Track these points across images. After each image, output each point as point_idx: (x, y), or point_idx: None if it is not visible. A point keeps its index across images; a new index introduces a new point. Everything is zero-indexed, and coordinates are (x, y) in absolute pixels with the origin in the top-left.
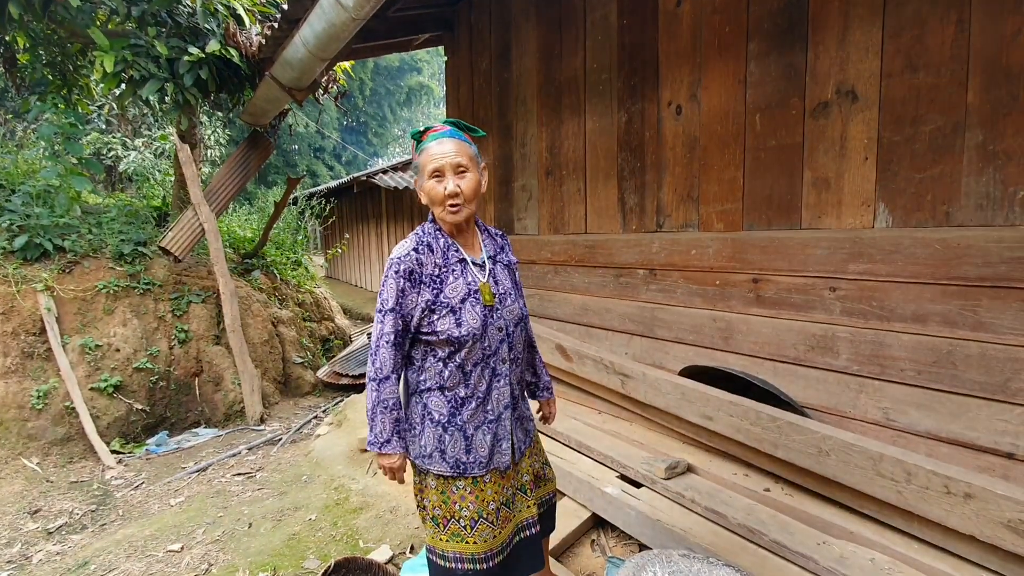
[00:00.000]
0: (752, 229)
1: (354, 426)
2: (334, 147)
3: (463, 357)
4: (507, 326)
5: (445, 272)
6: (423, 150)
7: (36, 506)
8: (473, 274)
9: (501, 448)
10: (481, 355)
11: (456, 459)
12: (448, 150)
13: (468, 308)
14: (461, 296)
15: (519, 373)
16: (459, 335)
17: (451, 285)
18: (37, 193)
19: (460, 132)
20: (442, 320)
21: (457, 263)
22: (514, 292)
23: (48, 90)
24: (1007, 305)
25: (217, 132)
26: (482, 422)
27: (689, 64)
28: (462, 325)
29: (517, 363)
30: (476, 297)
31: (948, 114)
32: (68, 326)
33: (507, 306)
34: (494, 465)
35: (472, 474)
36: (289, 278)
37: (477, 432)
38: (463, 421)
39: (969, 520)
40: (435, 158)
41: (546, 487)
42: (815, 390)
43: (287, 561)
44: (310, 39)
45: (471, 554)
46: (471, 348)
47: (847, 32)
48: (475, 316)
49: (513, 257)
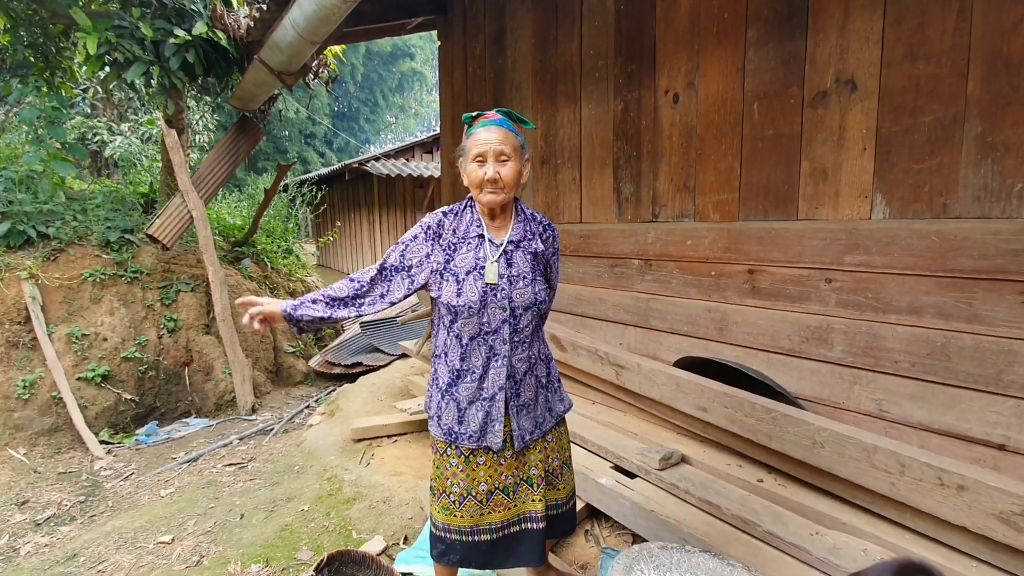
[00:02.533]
0: (748, 220)
1: (347, 416)
2: (325, 133)
3: (460, 328)
4: (513, 308)
5: (461, 243)
6: (471, 134)
7: (24, 497)
8: (486, 251)
9: (494, 428)
10: (479, 330)
11: (449, 427)
12: (493, 137)
13: (470, 281)
14: (467, 268)
15: (526, 359)
16: (456, 304)
17: (462, 255)
18: (20, 179)
19: (509, 122)
20: (447, 286)
21: (475, 237)
22: (530, 276)
23: (30, 72)
24: (1002, 298)
25: (205, 117)
26: (476, 398)
27: (687, 51)
28: (461, 295)
29: (522, 347)
30: (480, 272)
31: (948, 105)
32: (54, 315)
33: (517, 288)
34: (486, 443)
35: (462, 445)
36: (280, 266)
37: (471, 407)
38: (458, 393)
39: (961, 511)
40: (480, 143)
41: (558, 493)
42: (809, 381)
43: (280, 552)
44: (300, 21)
45: (457, 526)
46: (467, 320)
47: (848, 20)
48: (474, 290)
49: (540, 246)
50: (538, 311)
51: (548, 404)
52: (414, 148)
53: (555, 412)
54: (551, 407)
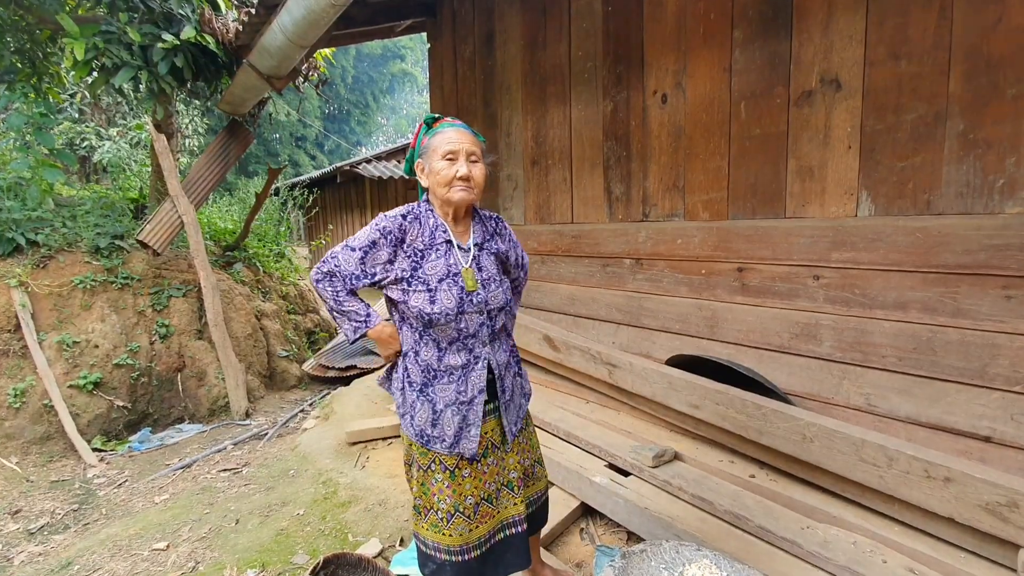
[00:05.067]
0: (737, 218)
1: (341, 419)
2: (316, 136)
3: (436, 334)
4: (489, 311)
5: (428, 250)
6: (437, 132)
7: (16, 506)
8: (456, 257)
9: (470, 434)
10: (457, 335)
11: (421, 429)
12: (465, 138)
13: (444, 289)
14: (439, 276)
15: (506, 358)
16: (431, 312)
17: (431, 263)
18: (8, 186)
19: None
20: (416, 295)
21: (442, 244)
22: (499, 278)
23: (17, 78)
24: (985, 292)
25: (195, 121)
26: (452, 401)
27: (674, 52)
28: (435, 303)
29: (501, 345)
30: (455, 279)
31: (930, 103)
32: (44, 322)
33: (491, 291)
34: (459, 449)
35: (435, 449)
36: (272, 270)
37: (446, 409)
38: (434, 394)
39: (948, 503)
40: (451, 141)
41: (536, 485)
42: (799, 377)
43: (275, 557)
44: (288, 25)
45: (447, 546)
46: (444, 327)
47: (831, 20)
48: (450, 297)
49: (501, 245)
50: (510, 311)
51: (523, 390)
52: (406, 150)
53: (526, 392)
54: (524, 391)
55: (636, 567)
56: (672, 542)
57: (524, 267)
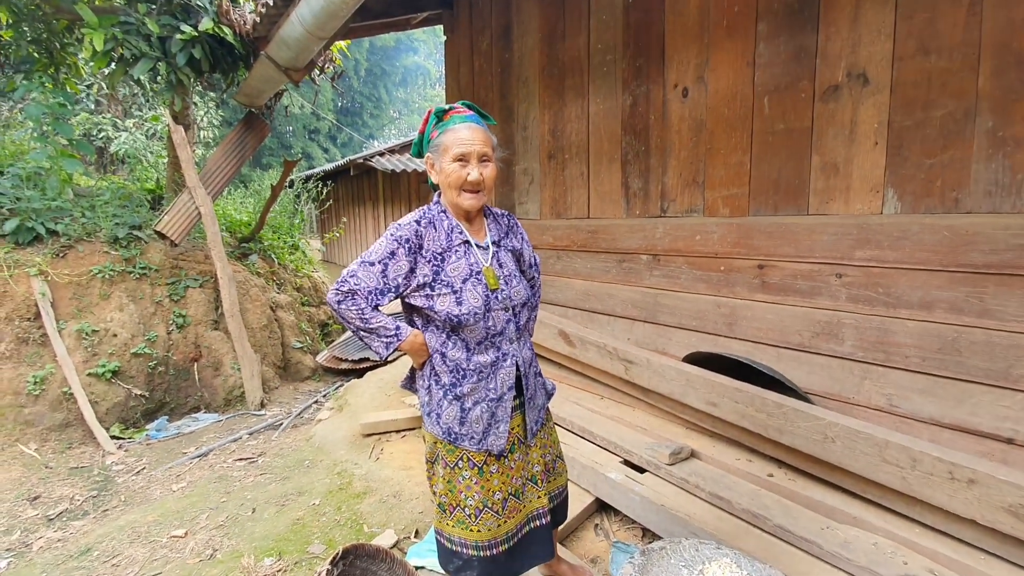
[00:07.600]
0: (758, 214)
1: (355, 411)
2: (329, 129)
3: (466, 335)
4: (513, 307)
5: (448, 252)
6: (447, 130)
7: (35, 492)
8: (476, 256)
9: (498, 430)
10: (485, 334)
11: (449, 427)
12: (477, 137)
13: (469, 288)
14: (463, 276)
15: (530, 355)
16: (459, 313)
17: (452, 265)
18: (27, 175)
19: (481, 119)
20: (442, 299)
21: (460, 244)
22: (518, 274)
23: (34, 68)
24: (1012, 292)
25: (210, 113)
26: (482, 398)
27: (696, 45)
28: (463, 304)
29: (525, 342)
30: (478, 278)
31: (959, 99)
32: (63, 311)
33: (513, 287)
34: (487, 445)
35: (463, 446)
36: (287, 262)
37: (476, 407)
38: (462, 393)
39: (971, 505)
40: (463, 143)
41: (557, 480)
42: (819, 376)
43: (292, 546)
44: (307, 17)
45: (475, 541)
46: (473, 327)
47: (859, 13)
48: (476, 296)
49: (516, 242)
50: (532, 305)
51: (544, 386)
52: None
53: (548, 390)
54: (547, 389)
55: (656, 564)
56: (692, 540)
57: (536, 266)
